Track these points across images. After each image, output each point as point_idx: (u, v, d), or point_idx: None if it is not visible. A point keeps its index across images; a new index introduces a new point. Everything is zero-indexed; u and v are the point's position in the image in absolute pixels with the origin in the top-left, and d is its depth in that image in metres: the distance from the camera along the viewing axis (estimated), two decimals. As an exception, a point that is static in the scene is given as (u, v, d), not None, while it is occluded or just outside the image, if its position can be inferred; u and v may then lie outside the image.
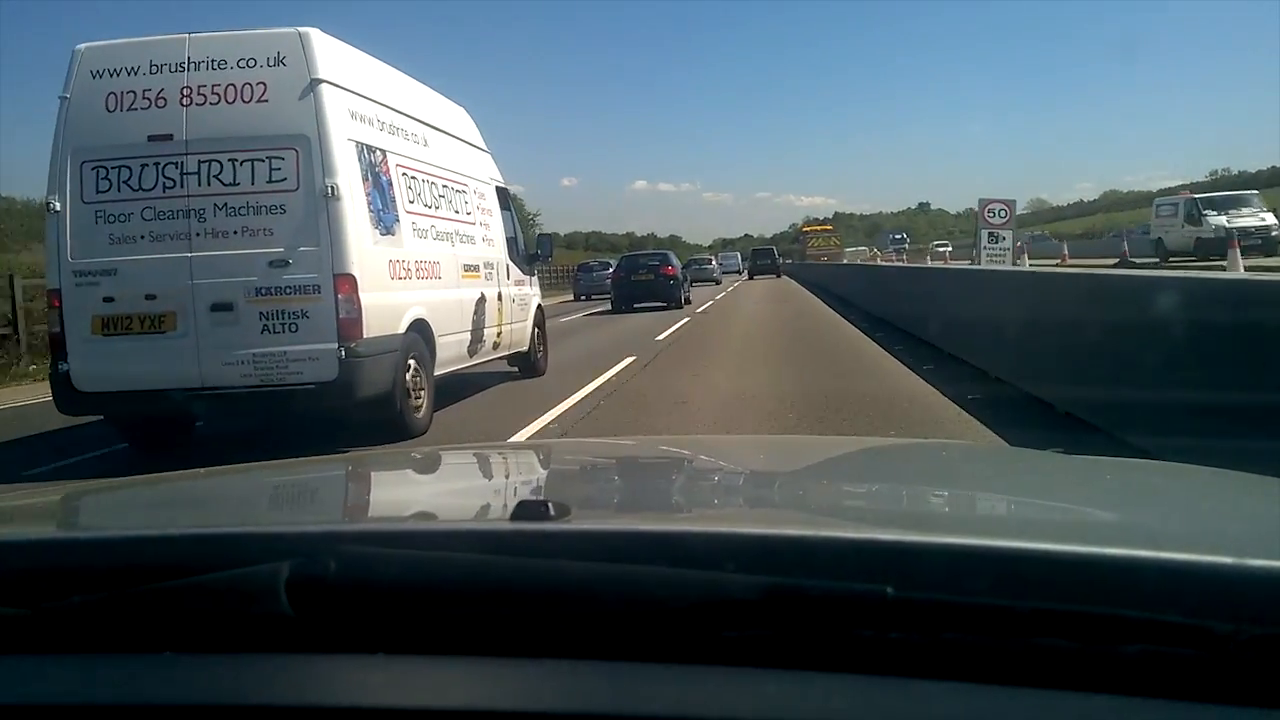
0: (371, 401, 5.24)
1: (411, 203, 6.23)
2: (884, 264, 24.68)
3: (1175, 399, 4.15)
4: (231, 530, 1.07)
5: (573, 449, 2.61)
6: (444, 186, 6.91)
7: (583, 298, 28.02)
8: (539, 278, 9.40)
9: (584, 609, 0.75)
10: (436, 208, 6.67)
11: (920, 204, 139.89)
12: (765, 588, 0.72)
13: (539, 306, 9.13)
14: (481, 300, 7.19)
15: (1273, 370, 3.44)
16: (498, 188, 8.48)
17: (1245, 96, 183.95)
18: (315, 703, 0.73)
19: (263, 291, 5.17)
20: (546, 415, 6.37)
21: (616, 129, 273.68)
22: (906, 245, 67.30)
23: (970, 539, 0.83)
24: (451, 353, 6.53)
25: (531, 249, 9.48)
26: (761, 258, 49.01)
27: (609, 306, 22.03)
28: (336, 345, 5.14)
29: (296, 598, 0.76)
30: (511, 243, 8.51)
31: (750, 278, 45.27)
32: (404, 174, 6.12)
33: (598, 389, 7.61)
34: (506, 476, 1.68)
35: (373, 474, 1.70)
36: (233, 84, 5.21)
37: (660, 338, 12.17)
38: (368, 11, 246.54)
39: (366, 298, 5.20)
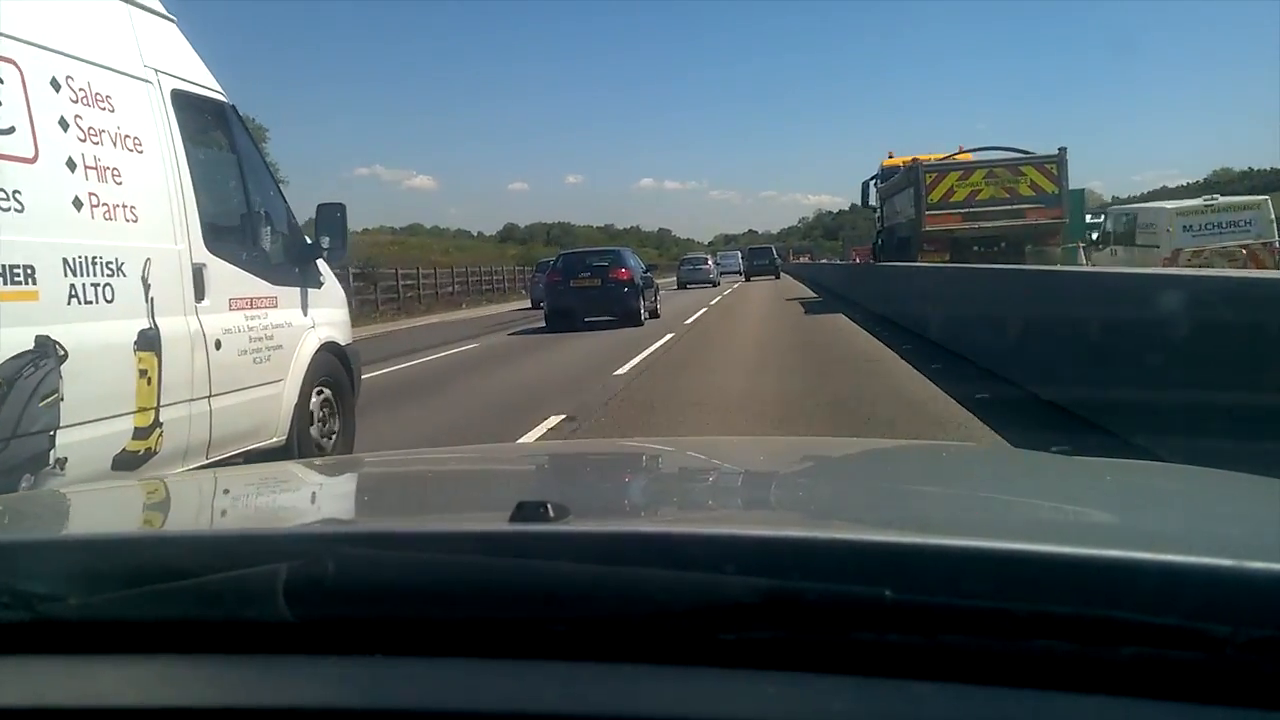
0: None
1: None
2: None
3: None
4: (230, 532, 1.16)
5: (572, 450, 2.70)
6: None
7: (541, 304, 22.58)
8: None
9: (583, 611, 0.83)
10: None
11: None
12: (764, 590, 0.80)
13: (332, 348, 5.44)
14: (34, 362, 3.33)
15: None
16: (178, 93, 4.42)
17: (1252, 94, 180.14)
18: (313, 704, 0.79)
19: None
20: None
21: (624, 126, 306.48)
22: None
23: (969, 541, 0.90)
24: None
25: (316, 236, 5.47)
26: (759, 257, 46.48)
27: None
28: None
29: (294, 600, 0.84)
30: (249, 221, 4.89)
31: (747, 279, 43.10)
32: None
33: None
34: (505, 478, 1.74)
35: (371, 476, 1.77)
36: None
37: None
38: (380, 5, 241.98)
39: None
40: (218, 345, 4.30)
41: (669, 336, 14.50)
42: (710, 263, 42.45)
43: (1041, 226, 17.24)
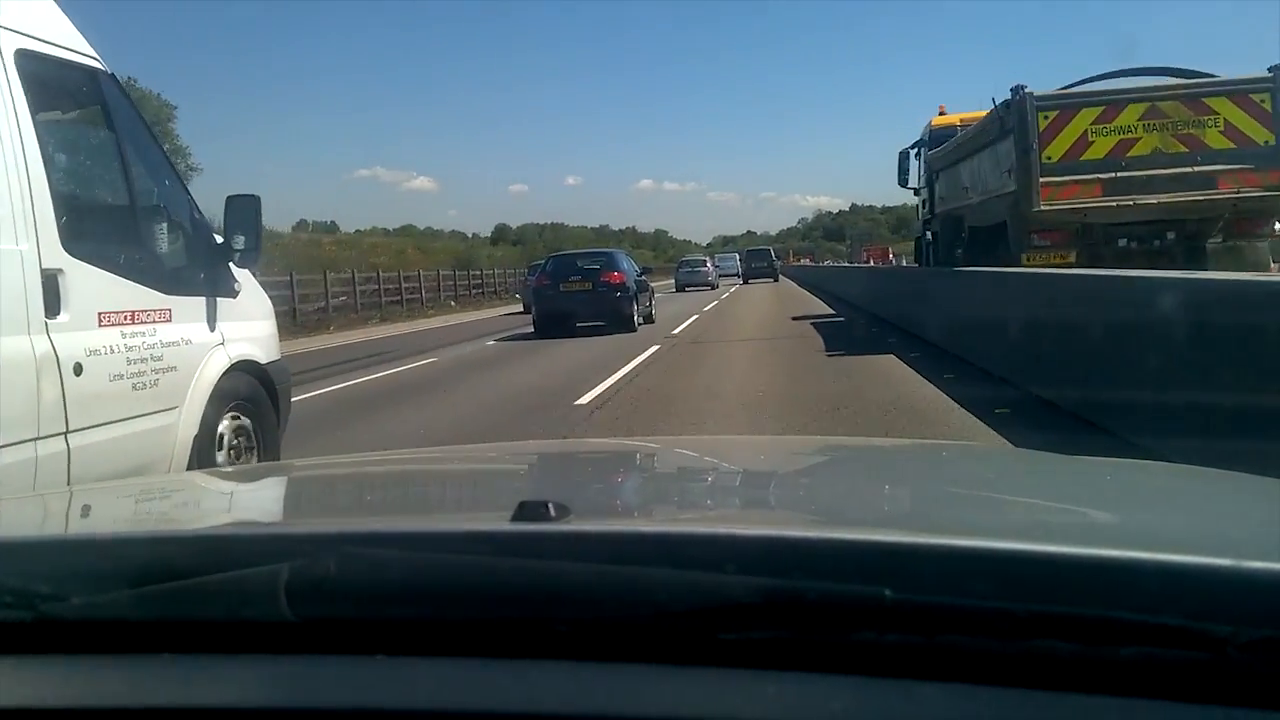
0: None
1: None
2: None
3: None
4: (231, 531, 1.17)
5: (573, 449, 2.72)
6: None
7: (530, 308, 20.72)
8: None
9: (585, 611, 0.84)
10: None
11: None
12: (765, 590, 0.80)
13: (248, 368, 4.56)
14: None
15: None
16: (26, 54, 3.37)
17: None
18: (315, 704, 0.80)
19: None
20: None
21: (623, 129, 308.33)
22: None
23: (969, 541, 0.90)
24: None
25: (226, 234, 4.54)
26: (756, 260, 46.39)
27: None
28: None
29: (296, 599, 0.84)
30: (130, 216, 3.96)
31: (745, 281, 43.00)
32: None
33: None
34: (507, 478, 1.75)
35: (373, 475, 1.78)
36: None
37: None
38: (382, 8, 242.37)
39: None
40: (77, 370, 3.37)
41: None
42: (708, 265, 42.38)
43: (1246, 204, 9.44)
